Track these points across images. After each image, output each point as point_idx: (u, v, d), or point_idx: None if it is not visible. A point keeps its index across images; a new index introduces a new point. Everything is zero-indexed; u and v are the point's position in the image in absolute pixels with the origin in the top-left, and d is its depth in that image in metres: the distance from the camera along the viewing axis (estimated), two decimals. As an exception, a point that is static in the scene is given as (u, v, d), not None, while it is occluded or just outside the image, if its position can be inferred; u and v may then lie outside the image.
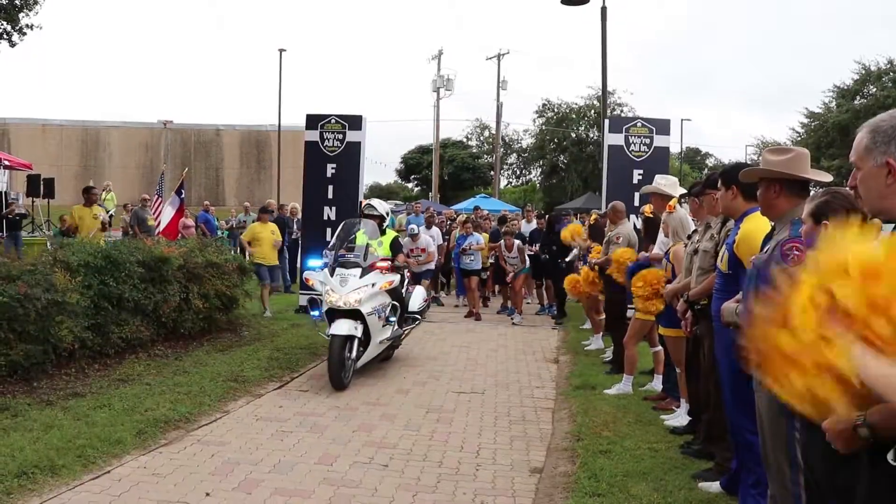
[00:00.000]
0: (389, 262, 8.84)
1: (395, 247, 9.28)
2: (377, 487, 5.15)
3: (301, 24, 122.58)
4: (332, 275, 8.35)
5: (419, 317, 9.67)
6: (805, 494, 3.24)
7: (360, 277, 8.27)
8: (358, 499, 4.94)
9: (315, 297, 8.57)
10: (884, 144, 2.06)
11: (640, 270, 7.31)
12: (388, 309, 8.47)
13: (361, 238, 8.90)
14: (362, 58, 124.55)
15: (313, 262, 9.21)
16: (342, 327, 7.84)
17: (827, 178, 4.13)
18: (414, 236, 13.87)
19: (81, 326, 7.63)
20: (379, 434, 6.39)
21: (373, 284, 8.27)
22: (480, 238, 14.55)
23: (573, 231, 12.07)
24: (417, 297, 9.66)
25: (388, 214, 9.86)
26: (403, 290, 9.17)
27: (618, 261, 8.20)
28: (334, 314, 8.04)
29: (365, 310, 7.99)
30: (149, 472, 5.27)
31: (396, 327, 8.78)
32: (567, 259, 12.57)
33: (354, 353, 7.95)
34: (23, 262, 7.75)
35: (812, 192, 3.65)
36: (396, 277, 8.76)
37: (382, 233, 9.29)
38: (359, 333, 7.94)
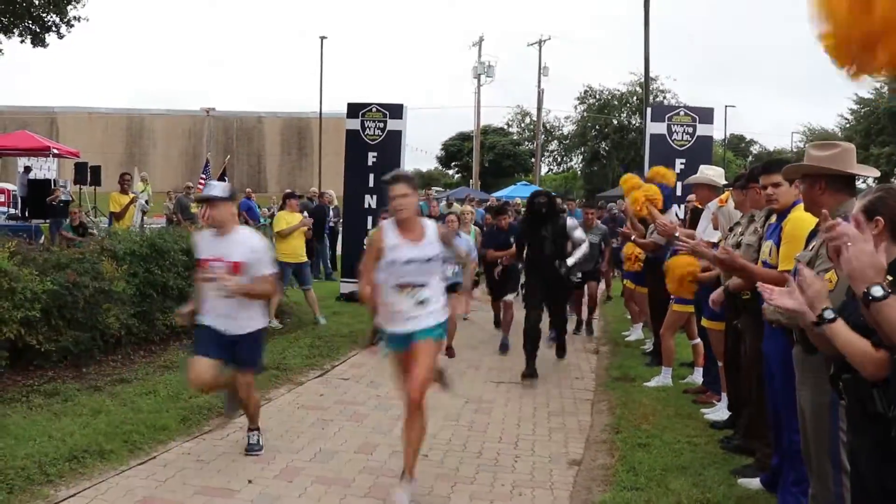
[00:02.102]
0: None
1: None
2: (416, 477, 5.19)
3: (342, 11, 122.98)
4: None
5: None
6: (849, 496, 3.21)
7: None
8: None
9: None
10: None
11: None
12: None
13: None
14: (403, 45, 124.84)
15: None
16: None
17: (874, 173, 4.06)
18: None
19: (128, 314, 7.81)
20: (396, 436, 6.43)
21: None
22: (468, 239, 9.48)
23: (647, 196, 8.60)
24: None
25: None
26: None
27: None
28: None
29: None
30: (193, 458, 5.39)
31: None
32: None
33: None
34: (72, 251, 7.94)
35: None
36: None
37: None
38: None
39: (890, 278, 2.36)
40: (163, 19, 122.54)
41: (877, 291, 2.12)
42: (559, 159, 60.60)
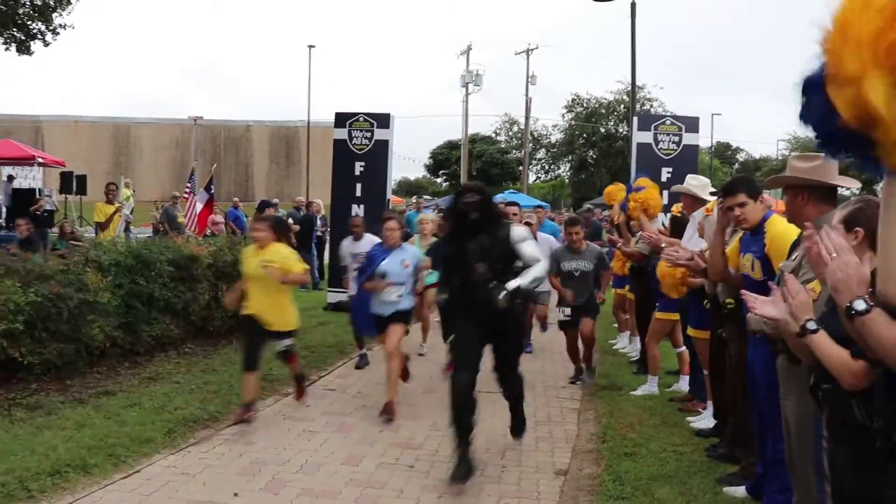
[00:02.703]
0: None
1: None
2: (403, 488, 5.19)
3: (331, 20, 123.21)
4: None
5: None
6: (831, 503, 3.23)
7: None
8: (384, 499, 4.98)
9: None
10: None
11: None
12: None
13: None
14: (392, 54, 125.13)
15: None
16: None
17: (855, 184, 4.10)
18: None
19: (112, 325, 7.77)
20: (405, 434, 6.43)
21: None
22: (415, 251, 7.73)
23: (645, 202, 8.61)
24: None
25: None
26: None
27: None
28: None
29: None
30: (178, 471, 5.35)
31: None
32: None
33: None
34: (56, 262, 7.89)
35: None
36: None
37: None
38: None
39: (871, 290, 2.37)
40: (150, 27, 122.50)
41: (859, 305, 2.12)
42: (547, 167, 60.78)
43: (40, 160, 21.44)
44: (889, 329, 2.06)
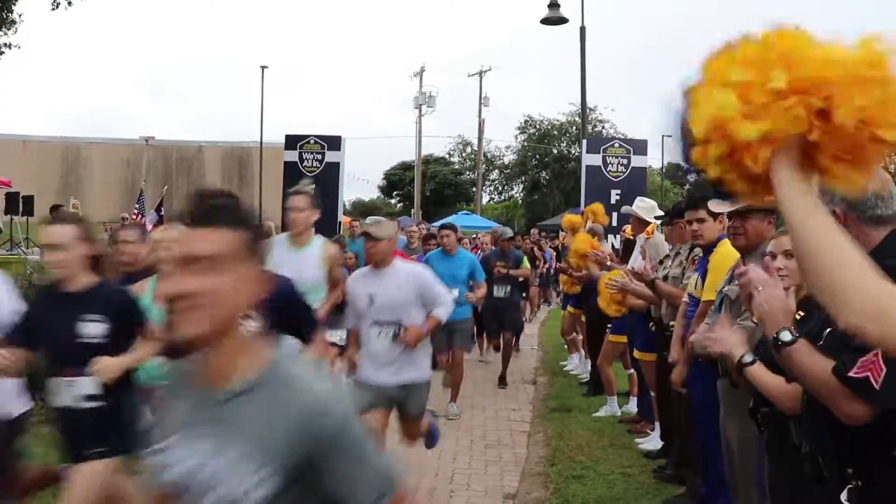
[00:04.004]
0: None
1: None
2: None
3: (283, 41, 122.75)
4: None
5: None
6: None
7: None
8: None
9: None
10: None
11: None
12: None
13: None
14: (345, 74, 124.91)
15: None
16: None
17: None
18: None
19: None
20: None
21: None
22: None
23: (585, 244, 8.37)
24: None
25: None
26: None
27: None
28: None
29: None
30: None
31: None
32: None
33: None
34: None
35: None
36: None
37: None
38: None
39: (801, 314, 2.44)
40: (100, 46, 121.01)
41: (785, 336, 2.18)
42: (500, 188, 61.01)
43: (-16, 181, 21.02)
44: (811, 358, 2.13)
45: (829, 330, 2.17)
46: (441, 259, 8.04)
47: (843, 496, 2.14)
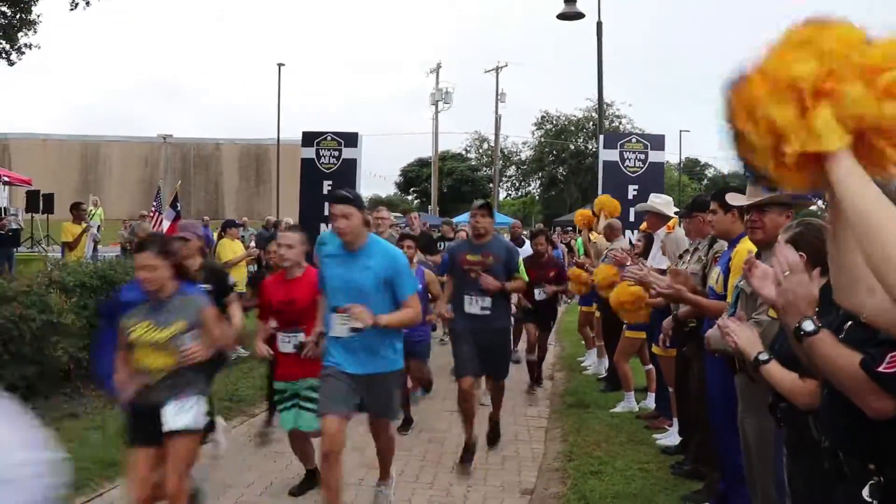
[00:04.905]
0: None
1: None
2: (368, 510, 5.17)
3: (300, 38, 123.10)
4: None
5: None
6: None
7: None
8: (349, 521, 4.96)
9: None
10: None
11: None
12: None
13: None
14: (361, 71, 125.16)
15: None
16: None
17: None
18: None
19: (77, 347, 7.66)
20: (371, 454, 6.35)
21: None
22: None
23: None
24: None
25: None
26: None
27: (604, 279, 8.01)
28: None
29: None
30: (141, 495, 5.28)
31: None
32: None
33: None
34: (20, 283, 7.78)
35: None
36: None
37: None
38: None
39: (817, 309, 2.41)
40: (118, 45, 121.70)
41: (808, 326, 2.10)
42: (517, 184, 61.04)
43: (6, 179, 21.22)
44: (835, 349, 2.06)
45: (850, 322, 2.14)
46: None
47: (865, 492, 2.10)
